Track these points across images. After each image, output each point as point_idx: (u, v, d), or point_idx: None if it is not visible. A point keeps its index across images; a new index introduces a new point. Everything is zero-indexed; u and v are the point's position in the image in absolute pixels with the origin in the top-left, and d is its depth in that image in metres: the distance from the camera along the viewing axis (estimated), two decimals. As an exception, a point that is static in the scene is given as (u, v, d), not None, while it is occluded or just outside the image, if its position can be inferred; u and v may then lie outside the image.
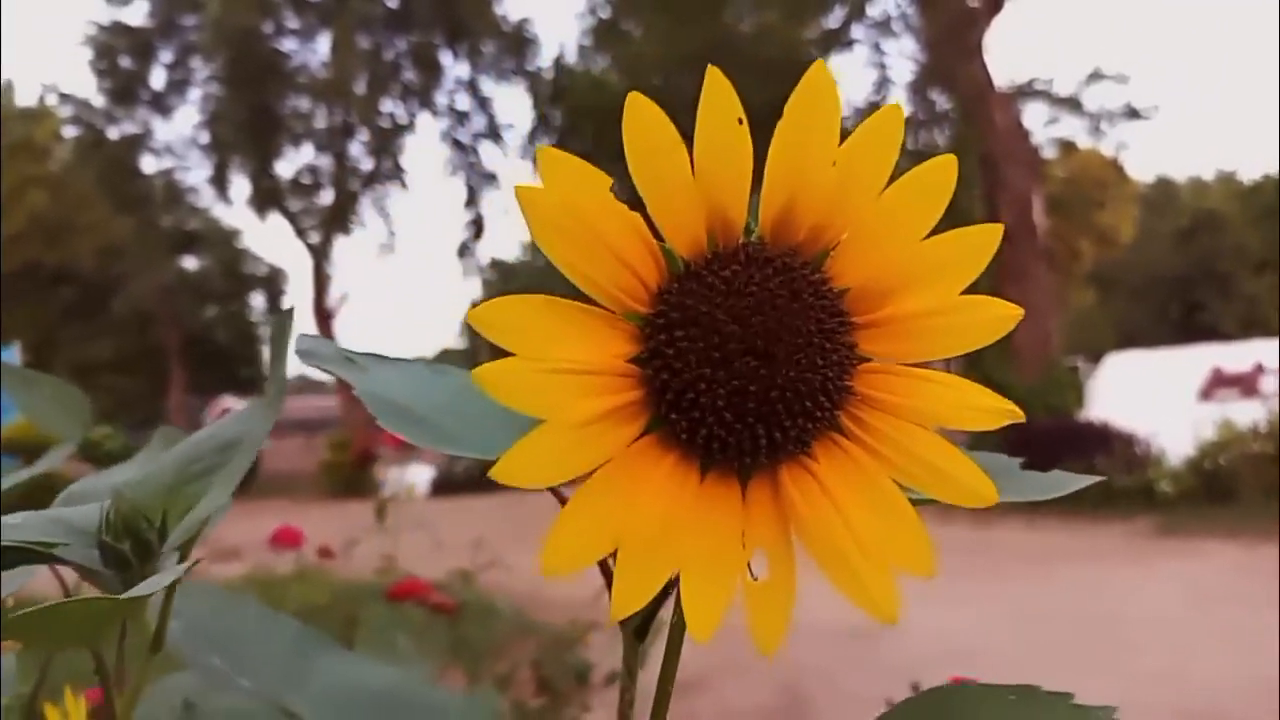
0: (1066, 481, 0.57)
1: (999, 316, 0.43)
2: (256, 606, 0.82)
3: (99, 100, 23.85)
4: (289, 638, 0.78)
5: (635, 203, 0.40)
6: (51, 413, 1.04)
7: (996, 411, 0.43)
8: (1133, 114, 19.65)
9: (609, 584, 0.43)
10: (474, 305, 0.38)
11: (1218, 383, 14.01)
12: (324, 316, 23.66)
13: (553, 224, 0.38)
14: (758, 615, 0.41)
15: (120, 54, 23.47)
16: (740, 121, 0.39)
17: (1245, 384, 13.72)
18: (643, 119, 0.39)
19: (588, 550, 0.39)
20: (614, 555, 0.39)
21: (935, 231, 0.43)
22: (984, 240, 0.42)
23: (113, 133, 24.10)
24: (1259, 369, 13.97)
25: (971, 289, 0.43)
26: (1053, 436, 11.38)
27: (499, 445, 0.38)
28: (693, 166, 0.40)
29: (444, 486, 14.20)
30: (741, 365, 0.39)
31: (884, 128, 0.40)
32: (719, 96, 0.39)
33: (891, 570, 0.41)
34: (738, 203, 0.41)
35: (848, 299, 0.43)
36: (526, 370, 0.38)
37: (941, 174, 0.41)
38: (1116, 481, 10.89)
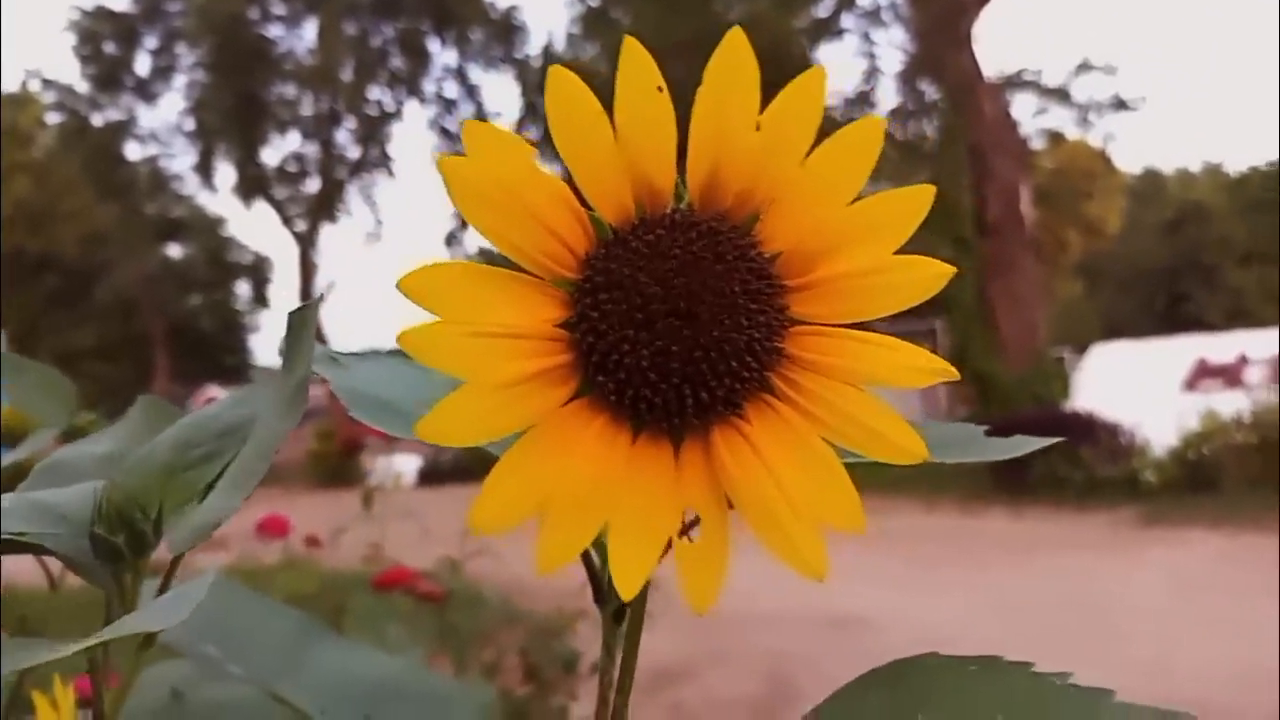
0: (1026, 442, 0.58)
1: (931, 275, 0.43)
2: (253, 595, 0.82)
3: (83, 86, 23.76)
4: (286, 626, 0.79)
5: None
6: (36, 399, 1.04)
7: (929, 371, 0.43)
8: (1121, 105, 19.71)
9: (591, 575, 0.43)
10: (402, 275, 0.38)
11: (1202, 373, 14.08)
12: (310, 305, 23.50)
13: (477, 194, 0.39)
14: (690, 574, 0.41)
15: (104, 40, 23.34)
16: (660, 90, 0.40)
17: (1229, 375, 13.80)
18: (564, 91, 0.40)
19: (517, 508, 0.39)
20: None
21: (926, 225, 0.43)
22: (915, 201, 0.43)
23: (97, 119, 24.00)
24: (1243, 360, 14.04)
25: (955, 277, 0.44)
26: (1038, 427, 11.33)
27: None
28: (616, 136, 0.41)
29: (431, 475, 14.21)
30: (664, 326, 0.40)
31: (806, 91, 0.41)
32: (637, 66, 0.40)
33: (821, 528, 0.41)
34: (662, 170, 0.41)
35: (779, 262, 0.43)
36: (451, 333, 0.38)
37: (867, 135, 0.42)
38: (1101, 471, 10.97)
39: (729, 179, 0.42)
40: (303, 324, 0.55)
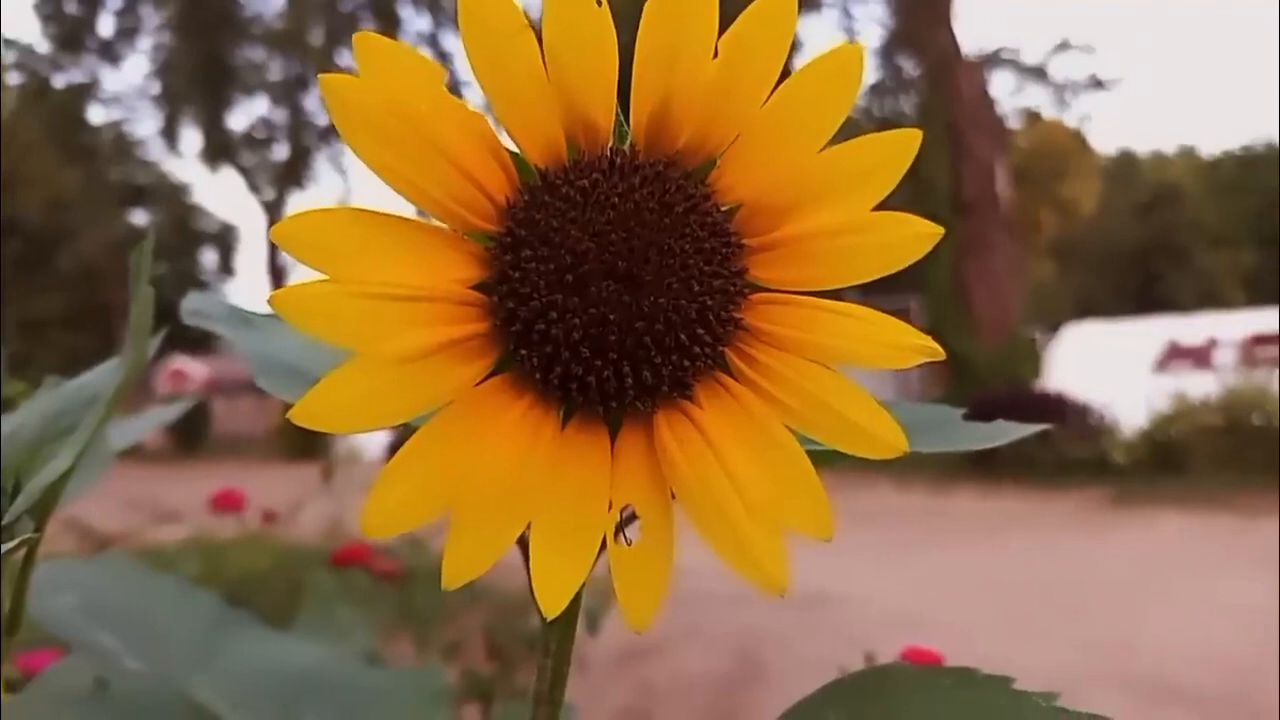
0: (1007, 430, 0.51)
1: (916, 235, 0.36)
2: (175, 582, 0.76)
3: (44, 46, 23.22)
4: (207, 615, 0.72)
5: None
6: None
7: (911, 348, 0.36)
8: (1097, 85, 19.76)
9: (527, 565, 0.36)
10: (277, 224, 0.31)
11: (1172, 355, 14.18)
12: (277, 274, 23.30)
13: (370, 123, 0.31)
14: (627, 584, 0.34)
15: (66, -2, 22.81)
16: (599, 3, 0.32)
17: (1199, 357, 13.91)
18: (481, 1, 0.32)
19: (415, 509, 0.33)
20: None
21: (897, 197, 0.36)
22: (900, 147, 0.36)
23: (59, 81, 23.48)
24: (1212, 342, 14.16)
25: (930, 256, 0.36)
26: (1009, 406, 11.45)
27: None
28: (544, 58, 0.33)
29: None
30: (600, 290, 0.32)
31: (774, 11, 0.33)
32: None
33: (781, 533, 0.35)
34: (601, 102, 0.34)
35: (738, 217, 0.36)
36: (336, 294, 0.31)
37: (844, 65, 0.34)
38: (1071, 452, 11.03)
39: (681, 116, 0.35)
40: (139, 267, 0.48)
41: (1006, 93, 19.81)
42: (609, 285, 0.33)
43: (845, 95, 0.35)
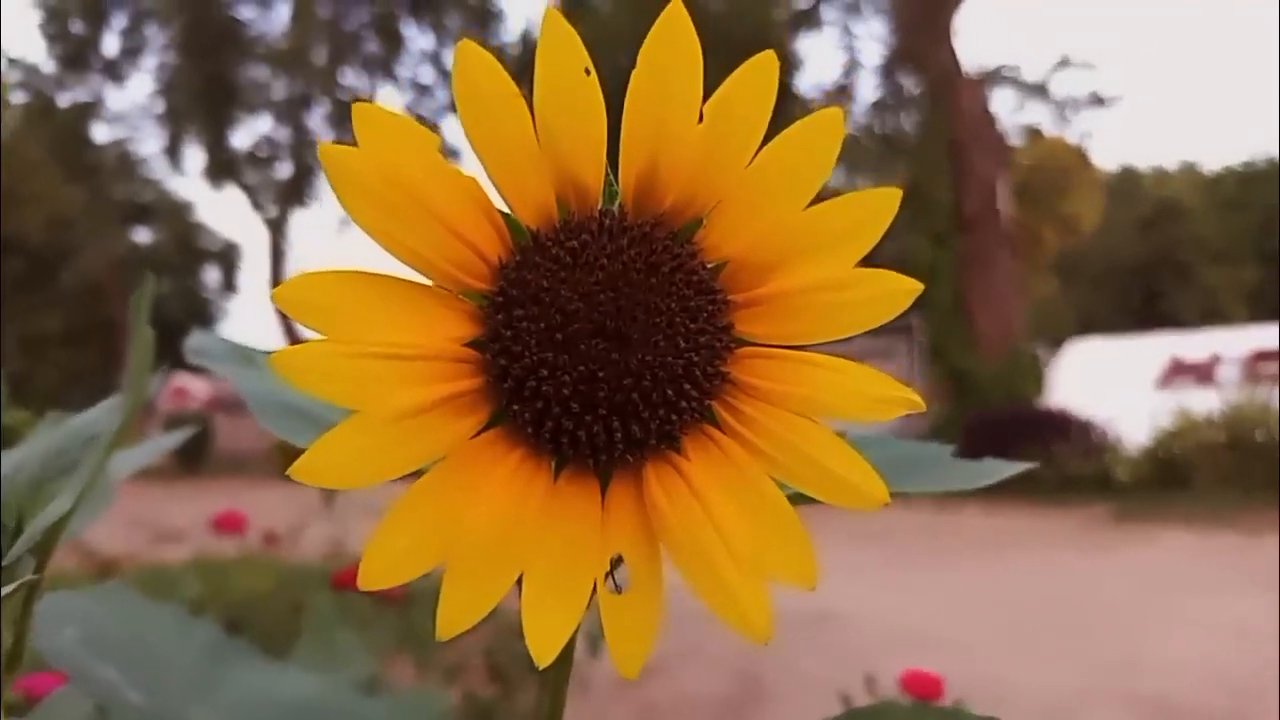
0: (995, 469, 0.51)
1: (897, 291, 0.37)
2: (175, 613, 0.77)
3: (49, 66, 23.32)
4: (205, 645, 0.73)
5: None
6: None
7: (892, 401, 0.37)
8: (1098, 102, 19.82)
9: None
10: (278, 286, 0.32)
11: (1175, 371, 14.16)
12: (283, 293, 23.32)
13: (366, 190, 0.33)
14: (617, 631, 0.35)
15: (72, 18, 22.90)
16: (587, 72, 0.34)
17: (1202, 373, 13.88)
18: (474, 70, 0.34)
19: (412, 560, 0.34)
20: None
21: (899, 216, 0.37)
22: (881, 205, 0.37)
23: (63, 100, 23.56)
24: (1215, 358, 14.14)
25: (932, 273, 0.37)
26: (1012, 423, 11.45)
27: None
28: (535, 124, 0.35)
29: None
30: (589, 349, 0.34)
31: (756, 76, 0.35)
32: (560, 43, 0.34)
33: (765, 582, 0.36)
34: (590, 164, 0.35)
35: (724, 274, 0.37)
36: (333, 354, 0.32)
37: (825, 129, 0.36)
38: (1074, 468, 11.01)
39: (668, 177, 0.36)
40: (139, 311, 0.49)
41: (1007, 110, 19.89)
42: (598, 343, 0.34)
43: (826, 157, 0.36)
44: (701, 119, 0.35)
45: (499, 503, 0.35)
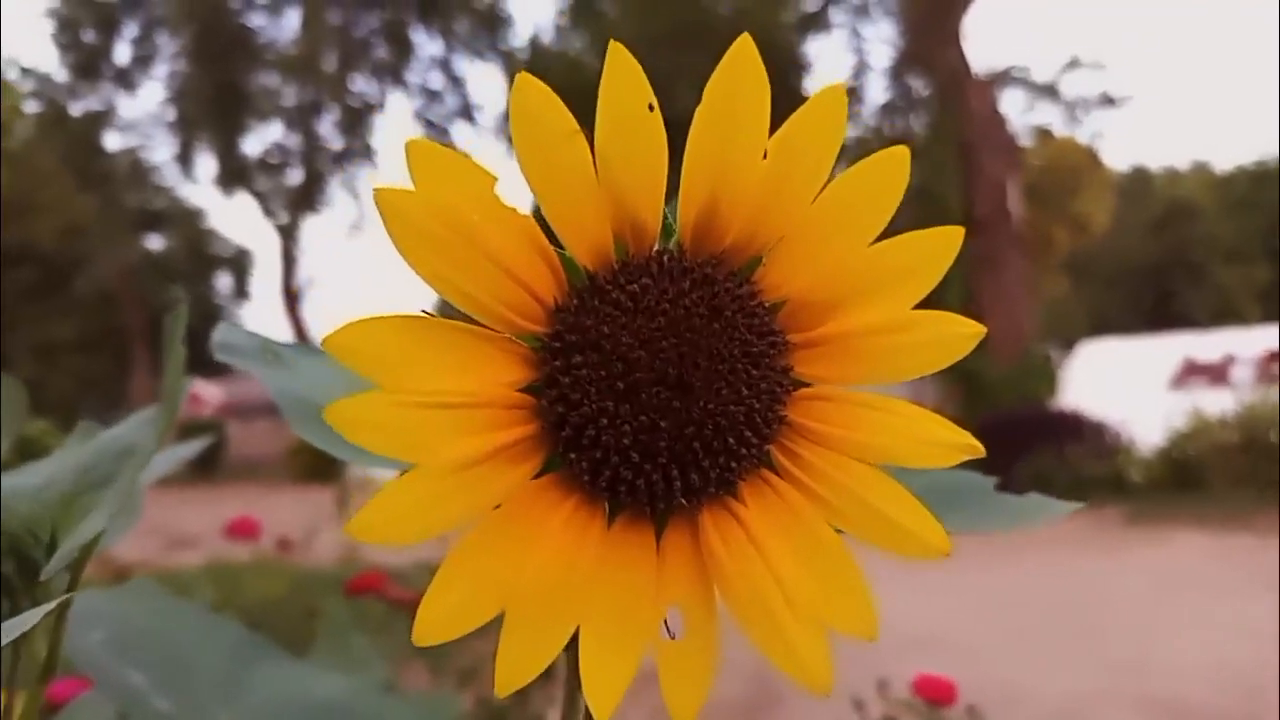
0: (1041, 507, 0.50)
1: (959, 335, 0.37)
2: (199, 611, 0.77)
3: (61, 75, 23.43)
4: (230, 644, 0.73)
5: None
6: None
7: (953, 446, 0.36)
8: (1109, 102, 19.72)
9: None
10: (329, 332, 0.31)
11: (1189, 372, 14.10)
12: (291, 298, 23.44)
13: (419, 231, 0.32)
14: (673, 680, 0.35)
15: (84, 27, 23.02)
16: (651, 108, 0.33)
17: (1215, 373, 13.82)
18: (532, 102, 0.32)
19: (469, 614, 0.33)
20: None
21: (910, 215, 0.36)
22: (943, 244, 0.36)
23: (75, 108, 23.66)
24: (1229, 358, 14.07)
25: (946, 275, 0.37)
26: (1025, 424, 11.40)
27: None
28: (595, 160, 0.34)
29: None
30: (650, 397, 0.33)
31: (824, 112, 0.34)
32: (625, 78, 0.33)
33: (825, 632, 0.35)
34: (650, 203, 0.34)
35: (782, 314, 0.36)
36: (389, 405, 0.31)
37: (892, 168, 0.35)
38: (1087, 470, 10.97)
39: (730, 216, 0.35)
40: (175, 329, 0.48)
41: (1018, 111, 19.78)
42: (660, 392, 0.33)
43: (891, 195, 0.35)
44: (765, 155, 0.34)
45: (555, 552, 0.34)
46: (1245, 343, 14.32)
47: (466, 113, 22.87)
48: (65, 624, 0.55)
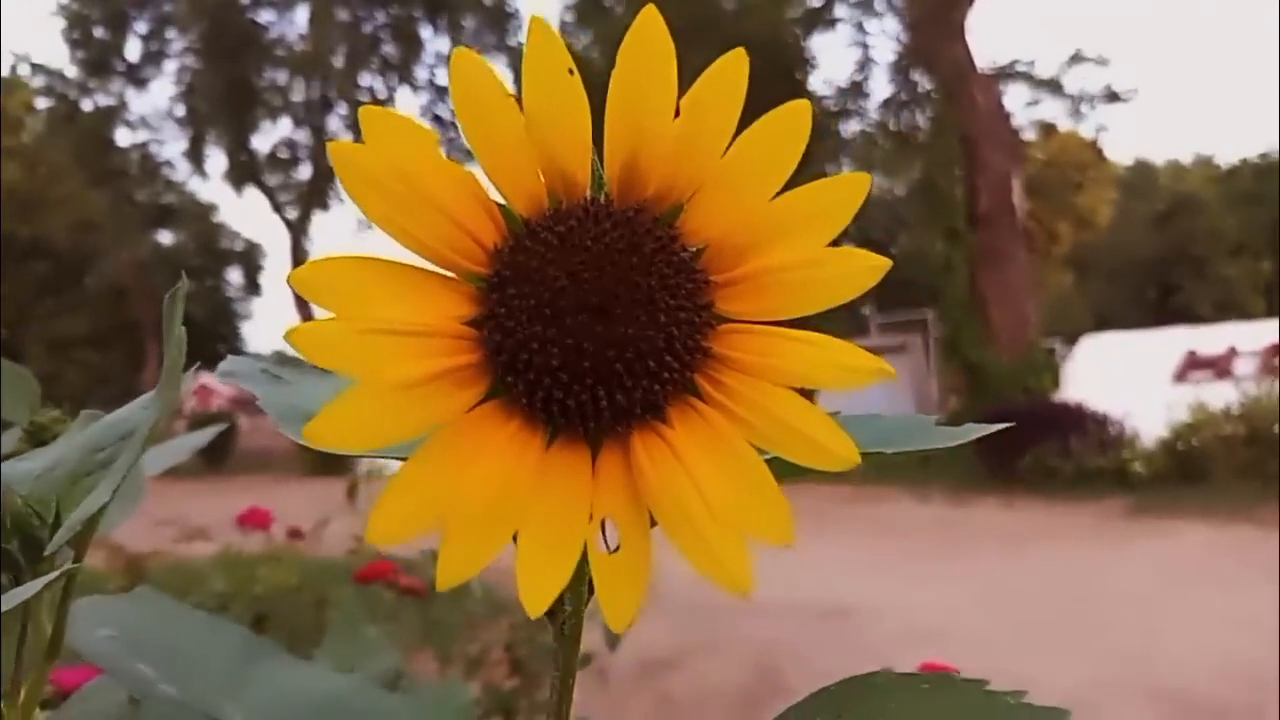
0: (970, 430, 0.54)
1: (866, 268, 0.40)
2: (203, 615, 0.80)
3: (73, 71, 23.57)
4: (234, 646, 0.76)
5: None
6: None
7: (863, 370, 0.40)
8: (1112, 97, 19.69)
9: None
10: (294, 270, 0.36)
11: (1192, 365, 14.07)
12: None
13: (373, 184, 0.37)
14: (608, 588, 0.39)
15: (94, 24, 23.14)
16: (571, 72, 0.38)
17: (1219, 366, 13.79)
18: (468, 73, 0.37)
19: (417, 518, 0.37)
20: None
21: (916, 210, 0.40)
22: (849, 191, 0.40)
23: (87, 105, 23.80)
24: (1232, 352, 14.04)
25: (947, 268, 0.41)
26: (1029, 418, 11.43)
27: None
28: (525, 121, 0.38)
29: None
30: (574, 322, 0.37)
31: (726, 75, 0.38)
32: (545, 46, 0.38)
33: (745, 539, 0.39)
34: (576, 158, 0.39)
35: (705, 257, 0.41)
36: (344, 330, 0.36)
37: (792, 121, 0.39)
38: (1090, 462, 10.98)
39: (649, 168, 0.39)
40: (172, 312, 0.52)
41: (1021, 105, 19.77)
42: (583, 318, 0.37)
43: (794, 147, 0.39)
44: (678, 114, 0.38)
45: (495, 467, 0.38)
46: (1248, 336, 14.30)
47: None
48: (70, 602, 0.58)
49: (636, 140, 0.39)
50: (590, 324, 0.37)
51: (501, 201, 0.39)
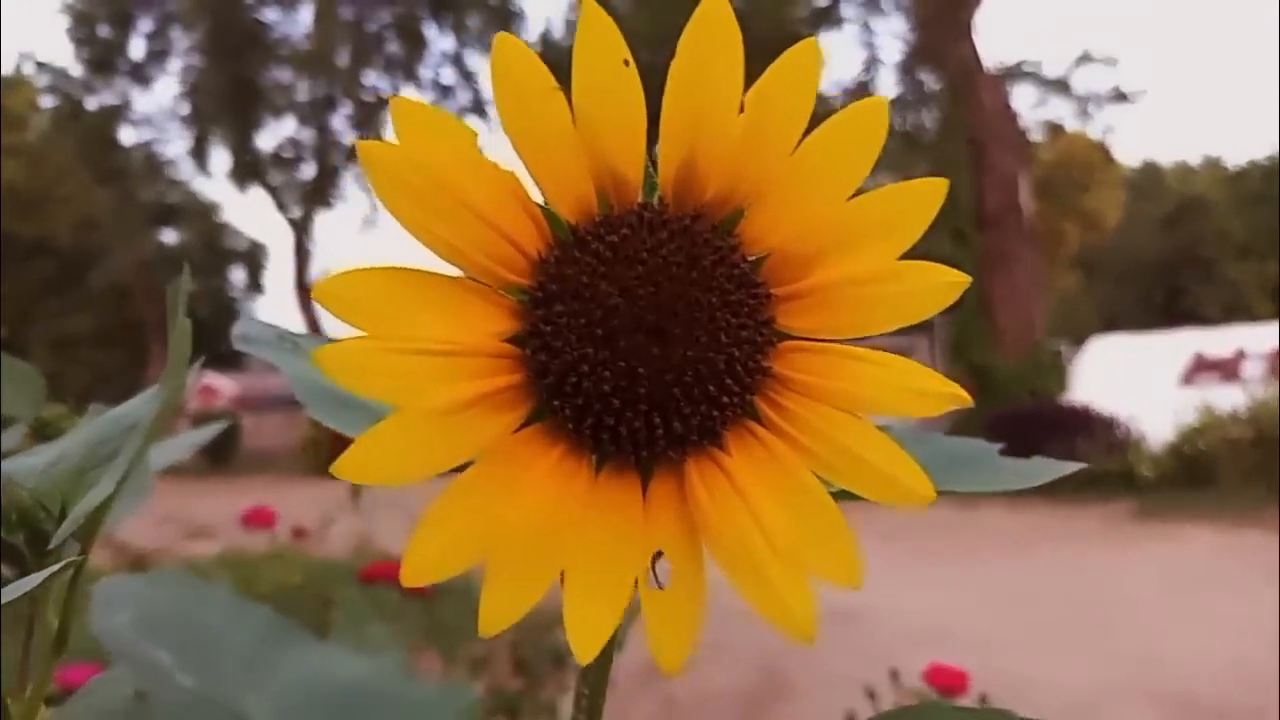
0: (1045, 470, 0.50)
1: (943, 284, 0.37)
2: (228, 594, 0.77)
3: (77, 70, 23.53)
4: (258, 627, 0.73)
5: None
6: (3, 391, 0.98)
7: (939, 396, 0.36)
8: (1120, 97, 19.63)
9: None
10: (319, 281, 0.32)
11: (1199, 367, 14.00)
12: (305, 292, 23.51)
13: (402, 184, 0.33)
14: (659, 627, 0.35)
15: (99, 23, 23.12)
16: (627, 63, 0.33)
17: (1226, 369, 13.72)
18: (512, 62, 0.33)
19: (455, 556, 0.33)
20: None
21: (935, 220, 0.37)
22: (927, 195, 0.36)
23: (91, 103, 23.76)
24: (1240, 354, 13.98)
25: (957, 270, 0.37)
26: (1035, 419, 11.37)
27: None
28: (574, 116, 0.34)
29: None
30: (630, 344, 0.33)
31: (798, 65, 0.34)
32: (600, 33, 0.33)
33: (810, 580, 0.35)
34: (629, 156, 0.35)
35: (765, 267, 0.37)
36: (376, 350, 0.32)
37: (870, 118, 0.35)
38: (1097, 465, 10.93)
39: (708, 169, 0.35)
40: (175, 303, 0.49)
41: (1029, 106, 19.72)
42: (639, 339, 0.33)
43: (870, 147, 0.35)
44: (742, 109, 0.35)
45: (540, 499, 0.34)
46: (1256, 338, 14.21)
47: (478, 107, 22.86)
48: (77, 595, 0.56)
49: (697, 138, 0.35)
50: (646, 345, 0.33)
51: (544, 205, 0.35)
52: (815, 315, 0.37)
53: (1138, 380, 13.13)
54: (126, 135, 24.62)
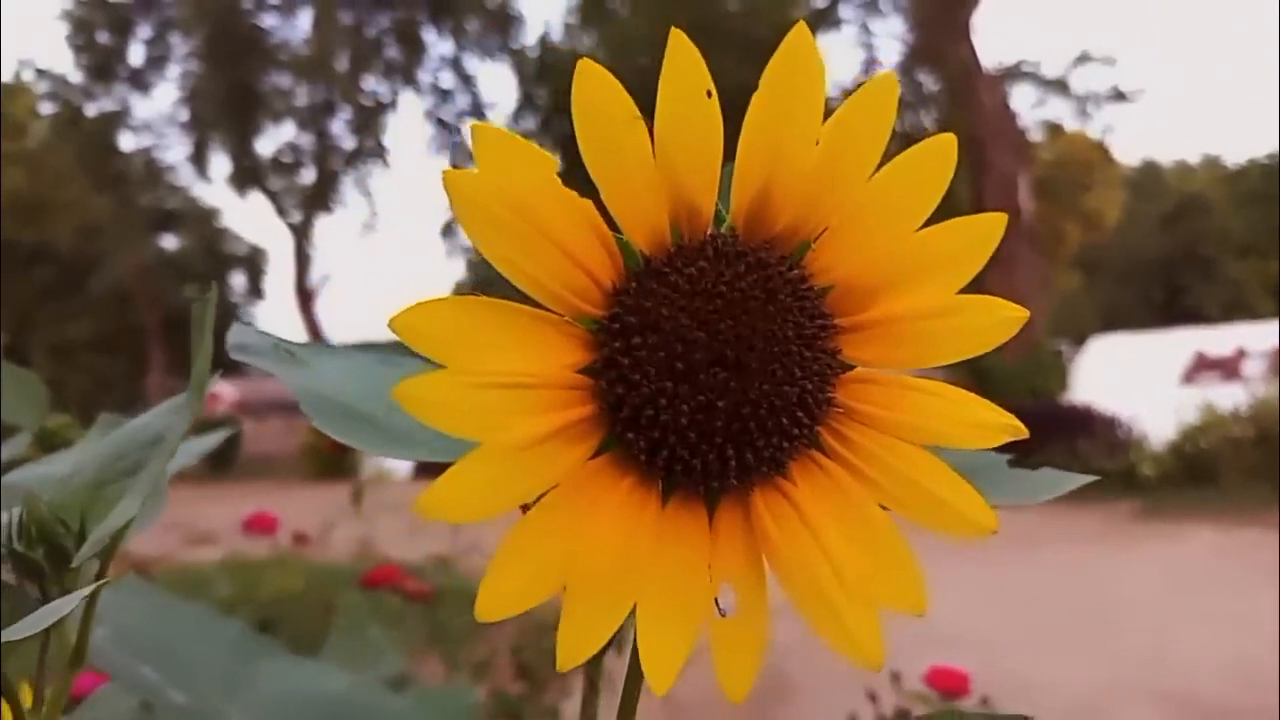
0: (1054, 482, 0.51)
1: (1003, 319, 0.37)
2: (195, 609, 0.77)
3: (76, 76, 23.55)
4: (229, 641, 0.73)
5: (591, 190, 0.35)
6: (7, 401, 0.98)
7: (998, 427, 0.37)
8: (1119, 97, 19.66)
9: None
10: (395, 313, 0.32)
11: (1200, 366, 14.04)
12: (305, 297, 23.53)
13: (485, 213, 0.33)
14: (726, 656, 0.35)
15: (98, 29, 23.13)
16: (709, 94, 0.34)
17: (1227, 367, 13.76)
18: (594, 89, 0.33)
19: (531, 590, 0.33)
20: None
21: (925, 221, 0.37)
22: (987, 231, 0.37)
23: (90, 109, 23.77)
24: (1241, 353, 14.00)
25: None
26: (1036, 419, 11.32)
27: (455, 447, 0.32)
28: (653, 146, 0.34)
29: (427, 468, 14.06)
30: (708, 378, 0.34)
31: (876, 100, 0.35)
32: (685, 65, 0.33)
33: (876, 610, 0.36)
34: (705, 188, 0.35)
35: (830, 298, 0.37)
36: (456, 385, 0.32)
37: (940, 155, 0.36)
38: (1098, 465, 10.93)
39: (782, 201, 0.36)
40: (202, 317, 0.49)
41: (1028, 105, 19.74)
42: (717, 372, 0.34)
43: (940, 180, 0.36)
44: (818, 141, 0.35)
45: (614, 530, 0.35)
46: (1257, 337, 14.24)
47: (477, 111, 22.89)
48: (94, 614, 0.56)
49: (774, 169, 0.35)
50: (725, 379, 0.34)
51: (618, 235, 0.36)
52: (877, 347, 0.38)
53: (1139, 379, 13.16)
54: (126, 141, 24.65)
